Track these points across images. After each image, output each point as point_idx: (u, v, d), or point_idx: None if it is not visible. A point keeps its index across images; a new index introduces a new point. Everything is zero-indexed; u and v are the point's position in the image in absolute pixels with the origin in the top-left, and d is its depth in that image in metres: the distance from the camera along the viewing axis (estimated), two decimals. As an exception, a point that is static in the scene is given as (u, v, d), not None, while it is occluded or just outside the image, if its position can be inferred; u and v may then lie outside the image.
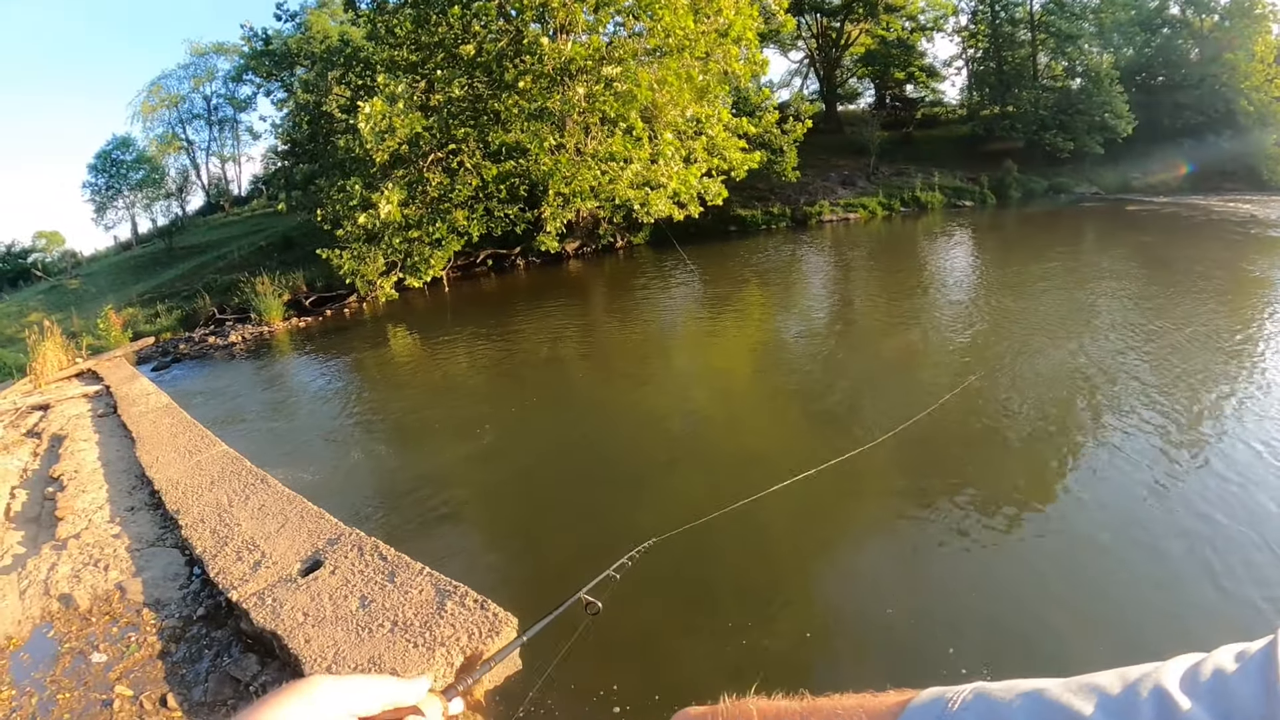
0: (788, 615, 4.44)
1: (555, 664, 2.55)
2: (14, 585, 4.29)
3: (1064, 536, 5.10)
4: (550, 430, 8.49)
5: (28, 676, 3.45)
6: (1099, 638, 4.06)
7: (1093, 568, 4.72)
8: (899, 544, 5.24)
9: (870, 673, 3.84)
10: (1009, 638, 4.13)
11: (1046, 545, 5.02)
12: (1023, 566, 4.82)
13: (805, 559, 5.12)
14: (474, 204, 18.81)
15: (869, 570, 4.95)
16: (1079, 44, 39.48)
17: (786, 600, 4.63)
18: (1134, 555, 4.84)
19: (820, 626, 4.32)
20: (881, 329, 12.01)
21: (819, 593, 4.74)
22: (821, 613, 4.48)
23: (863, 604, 4.54)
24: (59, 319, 18.32)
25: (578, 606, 1.71)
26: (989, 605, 4.43)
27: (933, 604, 4.43)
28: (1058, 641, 4.04)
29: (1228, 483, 5.64)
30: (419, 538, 5.82)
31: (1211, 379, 8.23)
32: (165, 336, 18.59)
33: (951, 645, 3.99)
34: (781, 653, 4.08)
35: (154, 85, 48.40)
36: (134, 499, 5.78)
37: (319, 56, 28.49)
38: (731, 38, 18.61)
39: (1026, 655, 3.97)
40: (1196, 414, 7.18)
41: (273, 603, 3.59)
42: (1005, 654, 3.99)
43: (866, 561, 5.08)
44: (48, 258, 47.59)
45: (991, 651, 4.00)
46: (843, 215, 31.31)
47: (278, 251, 27.54)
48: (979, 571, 4.81)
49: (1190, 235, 21.14)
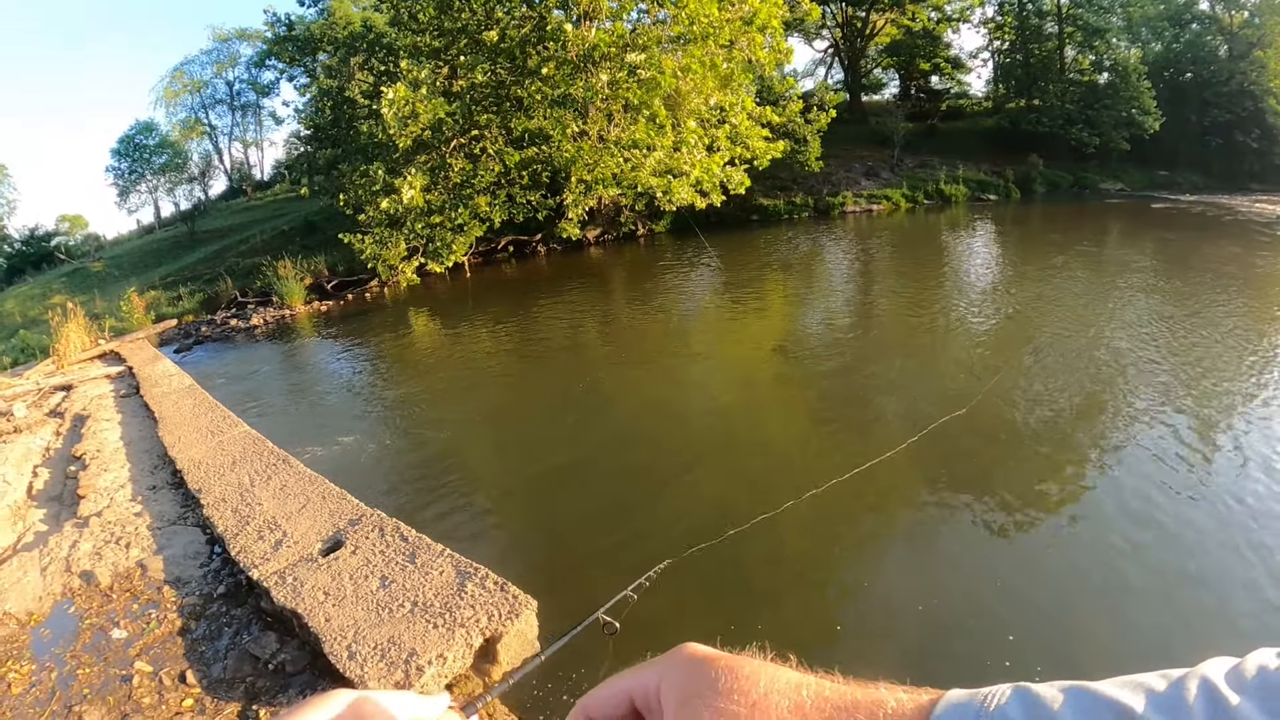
0: (814, 624, 4.36)
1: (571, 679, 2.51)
2: (36, 562, 4.30)
3: (1099, 537, 5.01)
4: (570, 420, 8.46)
5: (48, 651, 3.44)
6: (1137, 642, 3.98)
7: (1130, 570, 4.62)
8: (928, 551, 5.10)
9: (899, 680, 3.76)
10: (1045, 641, 4.03)
11: (1080, 546, 4.94)
12: (1058, 568, 4.71)
13: (832, 567, 4.98)
14: (496, 190, 18.79)
15: (897, 577, 4.81)
16: (1107, 38, 38.81)
17: (813, 608, 4.54)
18: (1170, 557, 4.74)
19: (847, 634, 4.25)
20: (906, 324, 11.87)
21: (847, 601, 4.62)
22: (849, 621, 4.39)
23: (890, 612, 4.41)
24: (82, 301, 18.44)
25: (596, 625, 1.68)
26: (1024, 609, 4.35)
27: (966, 615, 4.31)
28: (1095, 645, 3.95)
29: (1261, 483, 5.54)
30: (439, 520, 5.80)
31: (1245, 380, 8.10)
32: (188, 319, 18.70)
33: (995, 651, 3.93)
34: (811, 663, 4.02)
35: (177, 71, 48.86)
36: (156, 478, 5.78)
37: (342, 42, 28.43)
38: (756, 25, 18.38)
39: (1063, 658, 3.89)
40: (1232, 415, 7.07)
41: (293, 582, 3.56)
42: (1043, 656, 3.91)
43: (894, 568, 4.93)
44: (71, 241, 48.11)
45: (1030, 654, 3.92)
46: (866, 207, 31.05)
47: (300, 236, 27.65)
48: (1015, 574, 4.73)
49: (1218, 235, 20.77)
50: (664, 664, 0.65)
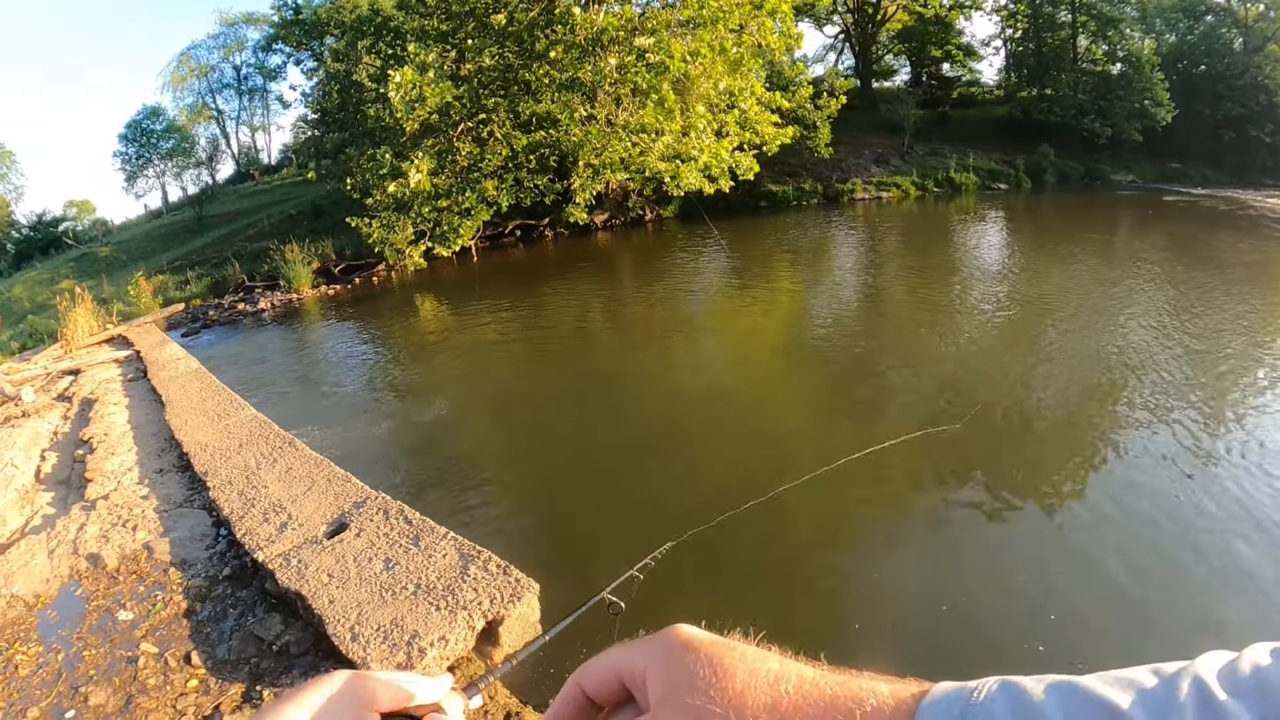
0: (817, 608, 4.36)
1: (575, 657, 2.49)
2: (43, 544, 4.31)
3: (1105, 530, 4.98)
4: (577, 403, 8.45)
5: (55, 633, 3.46)
6: (1138, 635, 3.96)
7: (1138, 563, 4.60)
8: (934, 538, 5.09)
9: (901, 670, 3.73)
10: (1048, 632, 4.00)
11: (1086, 537, 4.91)
12: (1064, 560, 4.69)
13: (836, 551, 4.96)
14: (503, 174, 18.71)
15: (905, 564, 4.79)
16: (1120, 28, 38.22)
17: (817, 593, 4.53)
18: (1176, 551, 4.72)
19: (850, 621, 4.24)
20: (914, 313, 11.81)
21: (851, 586, 4.61)
22: (851, 606, 4.38)
23: (895, 597, 4.41)
24: (90, 286, 18.54)
25: (600, 606, 1.67)
26: (1030, 600, 4.33)
27: (971, 605, 4.28)
28: (1098, 636, 3.93)
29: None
30: (443, 503, 5.80)
31: (1261, 375, 8.06)
32: (195, 303, 18.72)
33: (993, 643, 3.91)
34: (809, 647, 4.02)
35: (184, 55, 48.73)
36: (162, 461, 5.80)
37: (349, 26, 28.37)
38: (766, 10, 18.26)
39: (1069, 650, 3.87)
40: (1245, 411, 7.05)
41: (298, 564, 3.57)
42: (1048, 648, 3.89)
43: (903, 555, 4.90)
44: (79, 226, 48.14)
45: (1032, 647, 3.90)
46: (875, 194, 30.87)
47: (307, 220, 27.65)
48: (1020, 567, 4.72)
49: (1230, 230, 20.60)
50: (651, 647, 0.64)
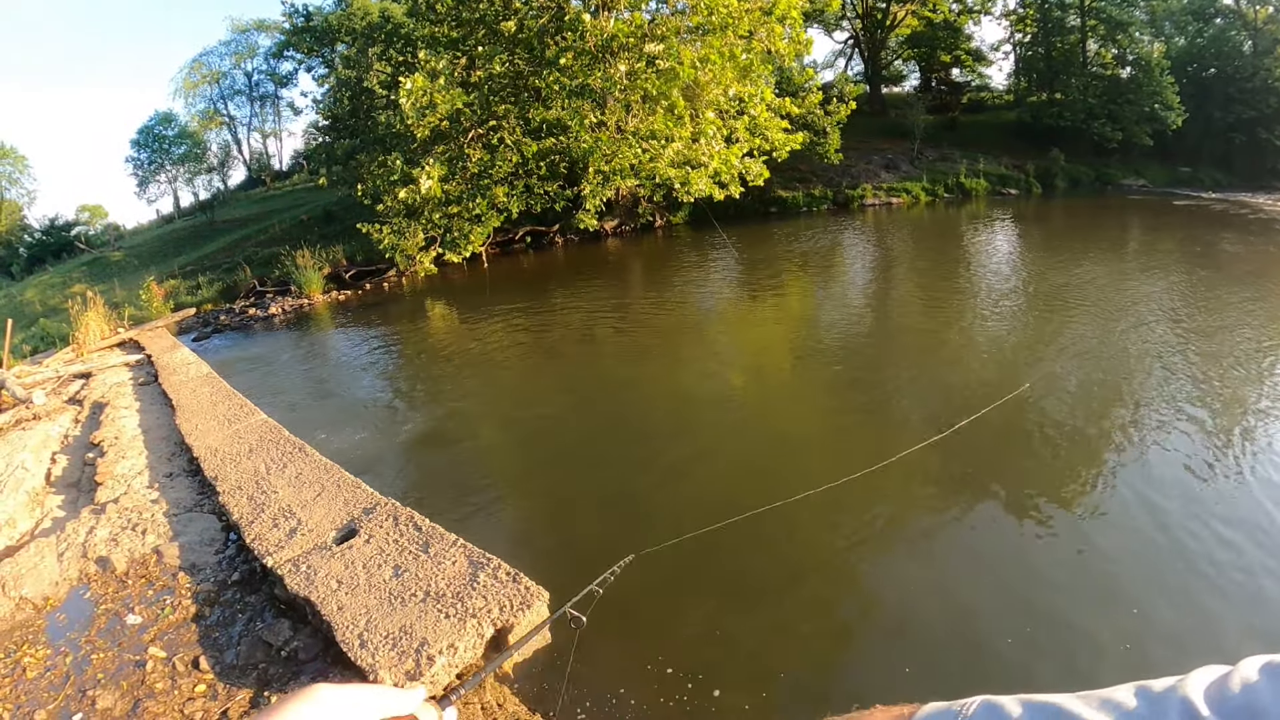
0: (815, 621, 4.31)
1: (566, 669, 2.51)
2: (53, 548, 4.31)
3: (1121, 539, 4.94)
4: (587, 411, 8.44)
5: (63, 636, 3.45)
6: (1148, 649, 3.91)
7: (1149, 576, 4.56)
8: (940, 551, 5.03)
9: (901, 684, 3.68)
10: (1054, 648, 3.97)
11: (1095, 549, 4.86)
12: (1071, 573, 4.62)
13: (838, 564, 4.92)
14: (514, 180, 18.76)
15: (911, 575, 4.74)
16: (1130, 31, 38.27)
17: (815, 605, 4.48)
18: (1185, 563, 4.66)
19: (851, 634, 4.21)
20: (925, 320, 11.77)
21: (850, 599, 4.57)
22: (853, 620, 4.35)
23: (896, 610, 4.36)
24: (101, 290, 18.61)
25: (565, 619, 1.70)
26: (1038, 613, 4.30)
27: (985, 616, 4.27)
28: (1107, 651, 3.88)
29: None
30: (453, 510, 5.80)
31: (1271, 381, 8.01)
32: (206, 308, 18.83)
33: (1012, 654, 3.88)
34: (805, 662, 3.99)
35: (196, 62, 49.29)
36: (173, 465, 5.80)
37: (360, 33, 28.56)
38: (775, 16, 18.24)
39: (1071, 666, 3.83)
40: (1260, 418, 6.99)
41: (307, 570, 3.56)
42: (1047, 665, 3.86)
43: (908, 566, 4.85)
44: (90, 230, 48.40)
45: (1032, 662, 3.87)
46: (885, 199, 30.90)
47: (318, 225, 27.74)
48: (1031, 577, 4.68)
49: (1243, 233, 20.52)
50: None
